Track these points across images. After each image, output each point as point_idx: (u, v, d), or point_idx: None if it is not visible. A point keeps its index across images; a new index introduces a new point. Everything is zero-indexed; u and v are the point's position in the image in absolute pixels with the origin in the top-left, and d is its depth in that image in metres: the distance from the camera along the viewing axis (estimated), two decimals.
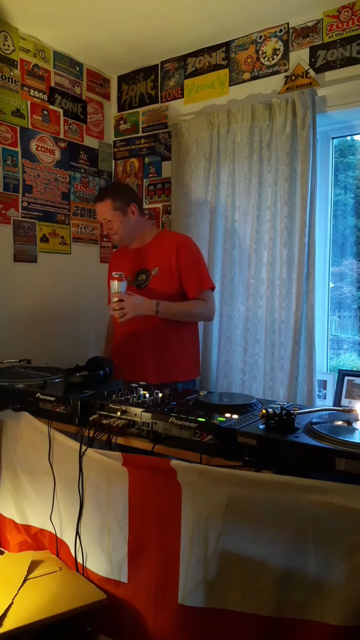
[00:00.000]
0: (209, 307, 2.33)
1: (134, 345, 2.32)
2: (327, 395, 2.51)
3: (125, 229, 2.34)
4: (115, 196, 2.33)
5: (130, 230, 2.36)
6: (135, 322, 2.20)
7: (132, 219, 2.35)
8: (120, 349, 2.42)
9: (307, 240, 2.36)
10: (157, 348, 2.28)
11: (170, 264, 2.27)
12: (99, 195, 2.39)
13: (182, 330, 2.32)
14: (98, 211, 2.38)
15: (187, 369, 2.36)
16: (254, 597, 1.28)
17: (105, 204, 2.32)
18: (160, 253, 2.32)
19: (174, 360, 2.30)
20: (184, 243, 2.34)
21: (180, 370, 2.32)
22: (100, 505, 1.58)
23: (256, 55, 2.61)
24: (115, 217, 2.32)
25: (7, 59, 2.59)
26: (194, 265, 2.30)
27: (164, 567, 1.44)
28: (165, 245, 2.32)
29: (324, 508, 1.18)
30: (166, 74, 2.95)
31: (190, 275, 2.27)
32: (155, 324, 2.23)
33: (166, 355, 2.29)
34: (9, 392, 1.87)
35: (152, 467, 1.45)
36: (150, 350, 2.28)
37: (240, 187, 2.59)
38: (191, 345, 2.41)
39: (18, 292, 2.68)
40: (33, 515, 1.86)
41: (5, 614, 1.43)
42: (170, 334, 2.27)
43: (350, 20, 2.32)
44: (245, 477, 1.26)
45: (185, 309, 2.26)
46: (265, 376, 2.52)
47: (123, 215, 2.32)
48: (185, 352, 2.35)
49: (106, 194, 2.36)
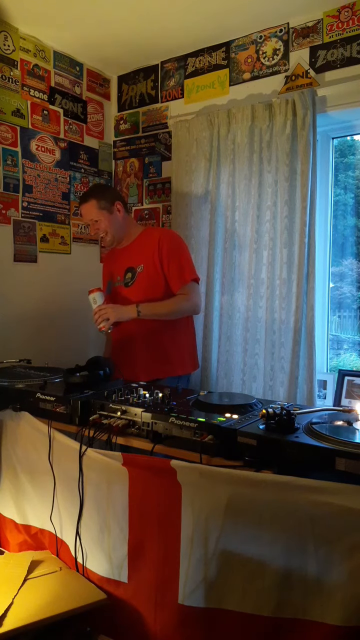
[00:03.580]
0: (193, 301, 2.30)
1: (126, 344, 2.32)
2: (327, 396, 2.51)
3: (114, 228, 2.34)
4: (99, 196, 2.32)
5: (119, 229, 2.36)
6: (128, 322, 2.21)
7: (119, 217, 2.35)
8: (116, 349, 2.43)
9: (307, 240, 2.36)
10: (149, 345, 2.28)
11: (154, 259, 2.27)
12: (82, 197, 2.38)
13: (172, 325, 2.31)
14: (83, 213, 2.38)
15: (180, 364, 2.35)
16: (254, 597, 1.28)
17: (90, 204, 2.32)
18: (143, 250, 2.32)
19: (166, 355, 2.30)
20: (165, 236, 2.33)
21: (173, 366, 2.31)
22: (100, 505, 1.58)
23: (256, 55, 2.61)
24: (101, 216, 2.31)
25: (7, 59, 2.59)
26: (175, 258, 2.28)
27: (164, 567, 1.44)
28: (148, 241, 2.33)
29: (324, 508, 1.18)
30: (166, 74, 2.95)
31: (172, 268, 2.26)
32: (146, 321, 2.23)
33: (158, 351, 2.29)
34: (9, 392, 1.87)
35: (152, 467, 1.45)
36: (142, 347, 2.29)
37: (240, 187, 2.59)
38: (184, 339, 2.40)
39: (18, 292, 2.68)
40: (33, 515, 1.87)
41: (5, 614, 1.43)
42: (160, 330, 2.27)
43: (350, 20, 2.32)
44: (245, 477, 1.26)
45: (168, 308, 2.25)
46: (265, 376, 2.52)
47: (109, 214, 2.32)
48: (178, 346, 2.35)
49: (89, 195, 2.36)
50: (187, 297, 2.27)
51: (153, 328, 2.26)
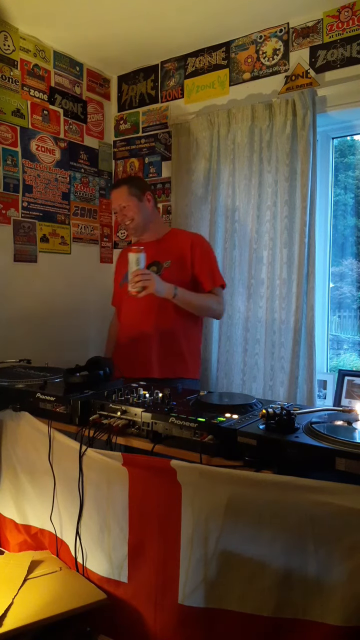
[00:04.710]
0: (222, 305, 2.34)
1: (140, 339, 2.28)
2: (327, 395, 2.51)
3: (140, 216, 2.32)
4: (131, 183, 2.33)
5: (145, 219, 2.34)
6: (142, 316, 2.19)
7: (148, 207, 2.34)
8: (125, 344, 2.37)
9: (307, 240, 2.36)
10: (164, 343, 2.25)
11: (184, 259, 2.27)
12: (114, 183, 2.41)
13: (189, 327, 2.31)
14: (113, 199, 2.36)
15: (192, 367, 2.34)
16: (254, 597, 1.28)
17: (121, 189, 2.32)
18: (173, 248, 2.31)
19: (181, 356, 2.28)
20: (199, 239, 2.37)
21: (186, 367, 2.30)
22: (100, 505, 1.58)
23: (256, 55, 2.61)
24: (130, 202, 2.30)
25: (7, 59, 2.59)
26: (208, 261, 2.31)
27: (164, 567, 1.43)
28: (180, 241, 2.33)
29: (323, 508, 1.17)
30: (166, 74, 2.95)
31: (205, 270, 2.28)
32: (163, 318, 2.22)
33: (173, 350, 2.26)
34: (9, 392, 1.87)
35: (152, 467, 1.45)
36: (157, 344, 2.25)
37: (240, 187, 2.59)
38: (195, 344, 2.40)
39: (18, 292, 2.68)
40: (33, 515, 1.86)
41: (5, 614, 1.43)
42: (178, 330, 2.26)
43: (350, 20, 2.32)
44: (245, 477, 1.26)
45: (200, 300, 2.25)
46: (265, 376, 2.52)
47: (139, 202, 2.31)
48: (191, 349, 2.34)
49: (122, 181, 2.38)
50: (218, 299, 2.30)
51: (169, 323, 2.24)
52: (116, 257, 3.25)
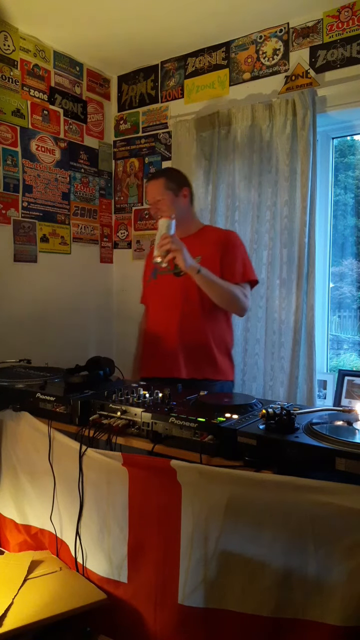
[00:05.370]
0: (247, 300, 2.17)
1: (165, 337, 2.19)
2: (327, 395, 2.51)
3: (174, 212, 2.16)
4: (168, 176, 2.23)
5: (180, 214, 2.17)
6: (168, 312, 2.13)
7: (183, 202, 2.22)
8: (151, 343, 2.28)
9: (307, 240, 2.36)
10: (191, 341, 2.15)
11: (215, 254, 2.15)
12: (152, 175, 2.29)
13: (218, 325, 2.20)
14: (148, 191, 2.26)
15: (223, 368, 2.21)
16: (254, 598, 1.28)
17: (158, 182, 2.21)
18: (204, 244, 2.20)
19: (209, 355, 2.16)
20: (232, 234, 2.26)
21: (216, 368, 2.18)
22: (100, 505, 1.58)
23: (256, 55, 2.61)
24: (165, 196, 2.18)
25: (7, 59, 2.59)
26: (240, 257, 2.18)
27: (164, 567, 1.43)
28: (212, 237, 2.22)
29: (324, 508, 1.17)
30: (166, 74, 2.95)
31: (234, 264, 2.15)
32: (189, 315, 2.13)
33: (200, 349, 2.15)
34: (9, 392, 1.87)
35: (152, 467, 1.44)
36: (183, 343, 2.15)
37: (240, 187, 2.59)
38: (225, 343, 2.25)
39: (18, 292, 2.68)
40: (33, 515, 1.86)
41: (5, 614, 1.43)
42: (205, 327, 2.15)
43: (350, 20, 2.32)
44: (245, 477, 1.26)
45: (224, 288, 2.09)
46: (265, 376, 2.52)
47: (174, 196, 2.19)
48: (220, 349, 2.20)
49: (160, 173, 2.29)
50: (244, 292, 2.15)
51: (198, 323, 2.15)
52: (116, 257, 3.26)
